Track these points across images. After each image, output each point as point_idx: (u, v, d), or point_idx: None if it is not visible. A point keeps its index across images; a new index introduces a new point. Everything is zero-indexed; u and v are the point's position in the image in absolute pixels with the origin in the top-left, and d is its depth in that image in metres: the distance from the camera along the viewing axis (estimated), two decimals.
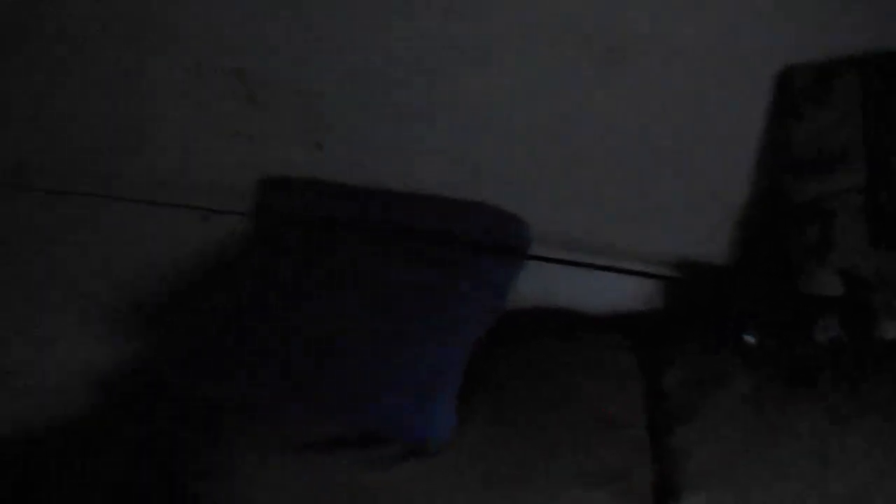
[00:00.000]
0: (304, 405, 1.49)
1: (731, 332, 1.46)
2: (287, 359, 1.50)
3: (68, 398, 1.75)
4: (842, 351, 1.40)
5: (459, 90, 1.57)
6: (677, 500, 1.32)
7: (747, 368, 1.42)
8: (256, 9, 1.55)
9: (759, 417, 1.34)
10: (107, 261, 1.72)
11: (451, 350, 1.52)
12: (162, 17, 1.59)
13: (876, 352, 1.40)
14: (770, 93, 1.47)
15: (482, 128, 1.61)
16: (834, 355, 1.39)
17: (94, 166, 1.72)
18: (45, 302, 1.75)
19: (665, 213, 1.66)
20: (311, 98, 1.63)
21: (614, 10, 1.44)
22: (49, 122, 1.75)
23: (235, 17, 1.57)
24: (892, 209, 1.37)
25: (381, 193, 1.66)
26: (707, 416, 1.38)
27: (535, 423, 1.48)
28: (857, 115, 1.40)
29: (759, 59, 1.45)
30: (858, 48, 1.40)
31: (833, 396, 1.34)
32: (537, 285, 1.69)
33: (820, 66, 1.43)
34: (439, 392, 1.47)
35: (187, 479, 1.43)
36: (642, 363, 1.57)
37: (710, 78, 1.48)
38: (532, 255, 1.65)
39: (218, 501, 1.40)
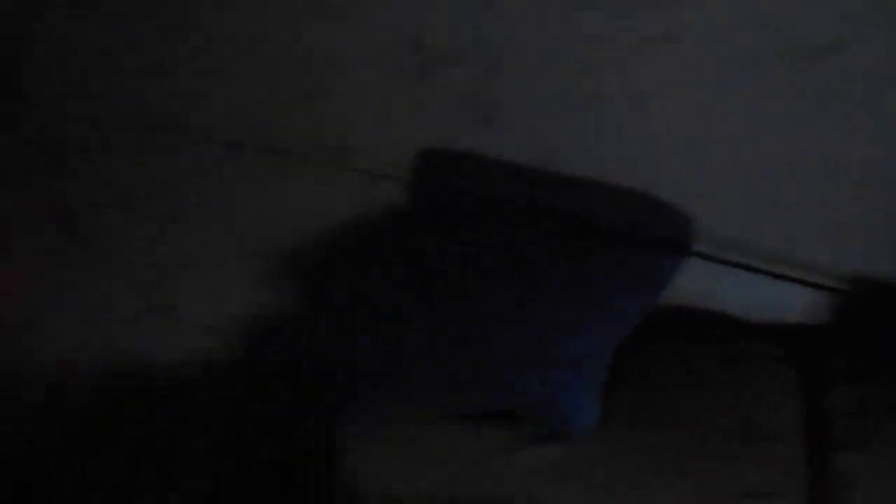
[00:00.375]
0: (447, 379, 1.52)
1: None
2: (435, 332, 1.53)
3: (221, 339, 1.85)
4: None
5: (641, 82, 1.53)
6: None
7: None
8: None
9: None
10: (273, 215, 1.80)
11: (601, 339, 1.51)
12: None
13: None
14: None
15: (660, 122, 1.56)
16: None
17: (270, 123, 1.78)
18: (212, 247, 1.85)
19: (844, 226, 1.57)
20: (485, 74, 1.62)
21: (810, 12, 1.37)
22: (228, 78, 1.82)
23: None
24: None
25: (546, 176, 1.64)
26: (880, 445, 1.31)
27: (683, 428, 1.45)
28: None
29: None
30: None
31: None
32: (697, 284, 1.64)
33: None
34: (585, 378, 1.47)
35: (335, 442, 1.48)
36: (802, 378, 1.50)
37: None
38: (695, 251, 1.59)
39: (356, 467, 1.45)
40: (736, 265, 1.58)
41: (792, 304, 1.65)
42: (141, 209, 1.86)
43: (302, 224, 1.76)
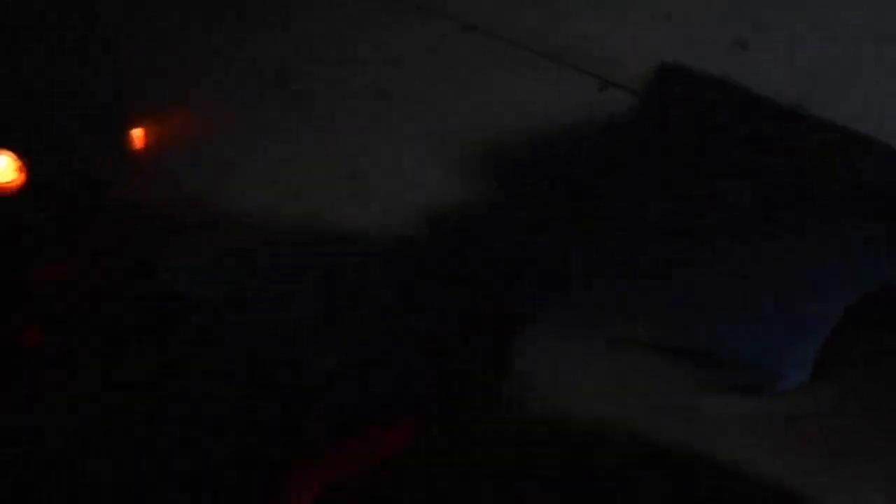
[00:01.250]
0: (649, 305, 1.45)
1: None
2: (643, 255, 1.45)
3: (406, 219, 1.84)
4: None
5: None
6: None
7: None
8: None
9: None
10: (490, 104, 1.74)
11: (834, 302, 1.37)
12: None
13: None
14: None
15: None
16: None
17: (507, 11, 1.72)
18: (419, 125, 1.81)
19: None
20: None
21: None
22: None
23: None
24: None
25: (798, 117, 1.48)
26: None
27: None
28: None
29: None
30: None
31: None
32: None
33: None
34: (810, 336, 1.35)
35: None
36: None
37: None
38: None
39: (527, 374, 1.42)
40: None
41: None
42: (359, 78, 1.86)
43: (519, 118, 1.70)
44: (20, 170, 1.78)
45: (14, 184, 1.78)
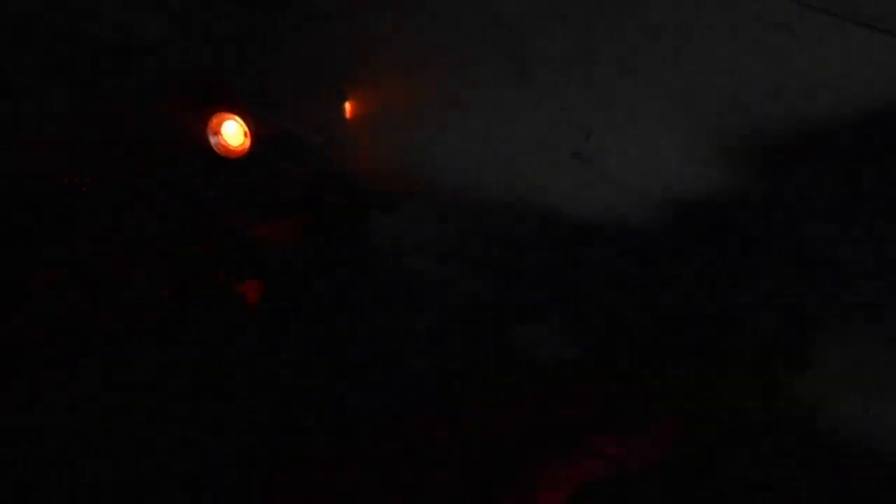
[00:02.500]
0: None
1: None
2: None
3: (642, 201, 1.59)
4: None
5: None
6: None
7: None
8: None
9: None
10: (775, 77, 1.41)
11: None
12: None
13: None
14: None
15: None
16: None
17: None
18: (664, 102, 1.54)
19: None
20: None
21: None
22: None
23: None
24: None
25: None
26: None
27: None
28: None
29: None
30: None
31: None
32: None
33: None
34: None
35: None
36: None
37: None
38: None
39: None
40: None
41: None
42: (597, 49, 1.58)
43: (812, 90, 1.33)
44: (247, 134, 1.88)
45: (242, 147, 1.89)
